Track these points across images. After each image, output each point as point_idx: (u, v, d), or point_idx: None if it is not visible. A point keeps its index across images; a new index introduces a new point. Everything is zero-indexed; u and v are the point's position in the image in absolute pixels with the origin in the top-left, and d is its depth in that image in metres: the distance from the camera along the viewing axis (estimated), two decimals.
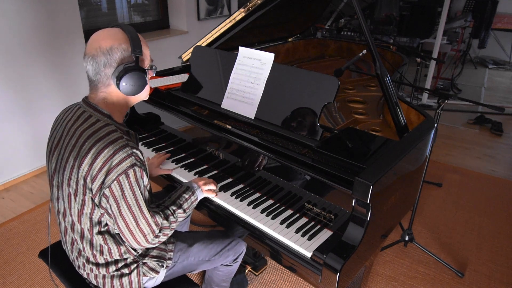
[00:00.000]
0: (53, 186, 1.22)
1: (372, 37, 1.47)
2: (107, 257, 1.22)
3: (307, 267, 1.22)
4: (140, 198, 1.12)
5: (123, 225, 1.12)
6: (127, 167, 1.08)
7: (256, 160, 1.46)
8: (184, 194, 1.34)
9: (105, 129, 1.11)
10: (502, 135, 3.96)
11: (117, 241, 1.20)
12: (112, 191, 1.08)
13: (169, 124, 1.81)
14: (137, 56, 1.15)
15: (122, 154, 1.07)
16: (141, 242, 1.15)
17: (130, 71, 1.13)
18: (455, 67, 5.45)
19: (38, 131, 2.98)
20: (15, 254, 2.25)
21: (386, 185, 1.23)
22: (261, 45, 2.62)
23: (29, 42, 2.76)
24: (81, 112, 1.17)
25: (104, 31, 1.15)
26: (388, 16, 4.72)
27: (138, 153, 1.12)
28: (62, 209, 1.21)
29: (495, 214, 2.67)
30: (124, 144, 1.09)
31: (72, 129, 1.15)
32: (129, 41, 1.14)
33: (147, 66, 1.22)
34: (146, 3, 3.99)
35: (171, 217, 1.23)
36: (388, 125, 1.80)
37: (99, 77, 1.14)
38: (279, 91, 1.51)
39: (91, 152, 1.08)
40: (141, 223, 1.13)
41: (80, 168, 1.09)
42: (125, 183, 1.08)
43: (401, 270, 2.17)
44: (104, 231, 1.18)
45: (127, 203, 1.10)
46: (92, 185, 1.09)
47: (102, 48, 1.11)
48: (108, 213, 1.12)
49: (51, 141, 1.23)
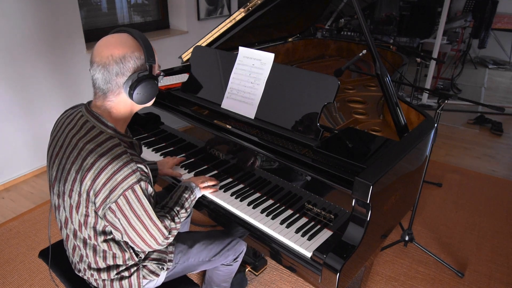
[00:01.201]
0: (54, 193, 1.20)
1: (372, 37, 1.47)
2: (109, 263, 1.22)
3: (307, 267, 1.22)
4: (148, 208, 1.11)
5: (134, 234, 1.12)
6: (133, 183, 1.06)
7: (256, 160, 1.46)
8: (184, 194, 1.35)
9: (109, 143, 1.08)
10: (502, 135, 3.96)
11: (122, 248, 1.20)
12: (119, 205, 1.06)
13: (169, 124, 1.81)
14: (151, 64, 1.12)
15: (127, 170, 1.05)
16: (152, 245, 1.17)
17: (144, 80, 1.10)
18: (455, 67, 5.46)
19: (38, 131, 2.98)
20: (15, 254, 2.25)
21: (386, 185, 1.23)
22: (261, 45, 2.62)
23: (29, 42, 2.77)
24: (84, 122, 1.13)
25: (113, 38, 1.10)
26: (388, 16, 4.72)
27: (142, 167, 1.09)
28: (64, 218, 1.20)
29: (495, 214, 2.67)
30: (129, 160, 1.06)
31: (74, 140, 1.11)
32: (142, 49, 1.10)
33: (157, 72, 1.19)
34: (146, 3, 3.99)
35: (176, 218, 1.26)
36: (388, 125, 1.80)
37: (109, 86, 1.09)
38: (279, 91, 1.51)
39: (94, 167, 1.04)
40: (151, 230, 1.14)
41: (83, 183, 1.06)
42: (132, 198, 1.07)
43: (401, 270, 2.17)
44: (110, 239, 1.17)
45: (136, 214, 1.09)
46: (96, 199, 1.07)
47: (115, 57, 1.06)
48: (115, 227, 1.12)
49: (52, 148, 1.19)
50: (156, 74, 1.18)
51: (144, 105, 1.20)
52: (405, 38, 4.67)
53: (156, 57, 1.17)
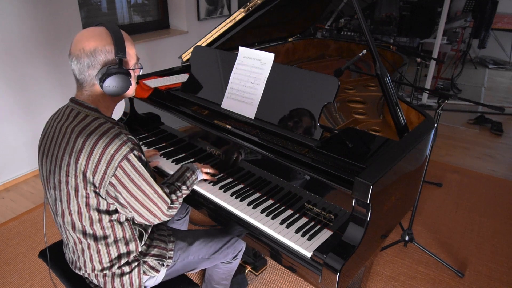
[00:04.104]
0: (50, 188, 1.21)
1: (372, 37, 1.47)
2: (111, 253, 1.22)
3: (307, 267, 1.22)
4: (146, 175, 1.15)
5: (138, 204, 1.15)
6: (127, 152, 1.10)
7: (256, 160, 1.46)
8: (186, 173, 1.42)
9: (95, 122, 1.13)
10: (502, 135, 3.96)
11: (125, 229, 1.22)
12: (118, 178, 1.10)
13: (169, 124, 1.81)
14: (121, 58, 1.15)
15: (117, 142, 1.09)
16: (158, 215, 1.20)
17: (113, 74, 1.13)
18: (455, 67, 5.46)
19: (38, 131, 2.98)
20: (15, 254, 2.25)
21: (386, 185, 1.23)
22: (261, 45, 2.62)
23: (29, 42, 2.77)
24: (70, 111, 1.19)
25: (88, 31, 1.14)
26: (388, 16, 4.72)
27: (133, 138, 1.15)
28: (60, 211, 1.20)
29: (495, 214, 2.67)
30: (118, 132, 1.11)
31: (63, 128, 1.16)
32: (113, 43, 1.13)
33: (132, 66, 1.22)
34: (146, 3, 3.99)
35: (177, 191, 1.31)
36: (388, 125, 1.80)
37: (83, 77, 1.15)
38: (279, 91, 1.51)
39: (86, 145, 1.09)
40: (153, 197, 1.18)
41: (78, 163, 1.09)
42: (129, 167, 1.11)
43: (401, 270, 2.17)
44: (114, 220, 1.19)
45: (135, 184, 1.13)
46: (94, 179, 1.10)
47: (86, 50, 1.11)
48: (120, 203, 1.15)
49: (43, 144, 1.22)
50: (131, 68, 1.21)
51: (123, 96, 1.23)
52: (405, 38, 4.66)
53: (131, 50, 1.20)
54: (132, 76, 1.22)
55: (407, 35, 4.78)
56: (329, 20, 4.56)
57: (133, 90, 1.26)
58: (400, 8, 4.99)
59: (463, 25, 5.07)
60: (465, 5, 5.62)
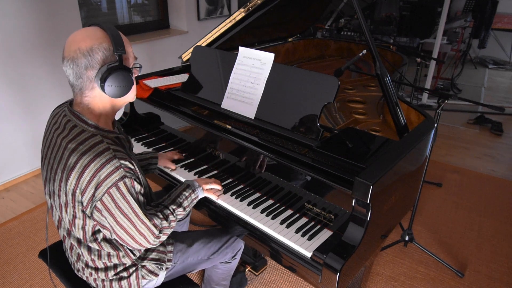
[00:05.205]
0: (46, 193, 1.20)
1: (372, 37, 1.47)
2: (105, 262, 1.22)
3: (307, 267, 1.22)
4: (135, 205, 1.09)
5: (122, 232, 1.10)
6: (117, 180, 1.04)
7: (256, 160, 1.46)
8: (184, 192, 1.34)
9: (90, 141, 1.06)
10: (502, 135, 3.96)
11: (115, 247, 1.19)
12: (104, 203, 1.05)
13: (169, 124, 1.81)
14: (120, 54, 1.08)
15: (109, 167, 1.03)
16: (142, 243, 1.15)
17: (114, 71, 1.06)
18: (455, 67, 5.45)
19: (38, 131, 2.98)
20: (15, 254, 2.25)
21: (386, 185, 1.23)
22: (261, 45, 2.62)
23: (29, 42, 2.76)
24: (66, 121, 1.12)
25: (81, 31, 1.08)
26: (388, 16, 4.72)
27: (127, 164, 1.07)
28: (57, 217, 1.21)
29: (495, 214, 2.67)
30: (111, 156, 1.04)
31: (58, 140, 1.11)
32: (110, 40, 1.06)
33: (131, 65, 1.15)
34: (146, 3, 3.99)
35: (170, 216, 1.23)
36: (388, 125, 1.80)
37: (81, 81, 1.08)
38: (279, 91, 1.51)
39: (77, 165, 1.03)
40: (140, 227, 1.11)
41: (68, 182, 1.05)
42: (117, 195, 1.05)
43: (401, 270, 2.17)
44: (101, 239, 1.16)
45: (122, 212, 1.07)
46: (82, 198, 1.05)
47: (82, 49, 1.04)
48: (103, 225, 1.10)
49: (43, 148, 1.19)
50: (130, 66, 1.14)
51: (123, 99, 1.16)
52: (405, 38, 4.66)
53: (129, 48, 1.14)
54: (133, 76, 1.16)
55: (407, 35, 4.77)
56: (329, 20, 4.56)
57: (134, 94, 1.19)
58: (400, 8, 4.99)
59: (463, 25, 5.07)
60: (465, 5, 5.61)
